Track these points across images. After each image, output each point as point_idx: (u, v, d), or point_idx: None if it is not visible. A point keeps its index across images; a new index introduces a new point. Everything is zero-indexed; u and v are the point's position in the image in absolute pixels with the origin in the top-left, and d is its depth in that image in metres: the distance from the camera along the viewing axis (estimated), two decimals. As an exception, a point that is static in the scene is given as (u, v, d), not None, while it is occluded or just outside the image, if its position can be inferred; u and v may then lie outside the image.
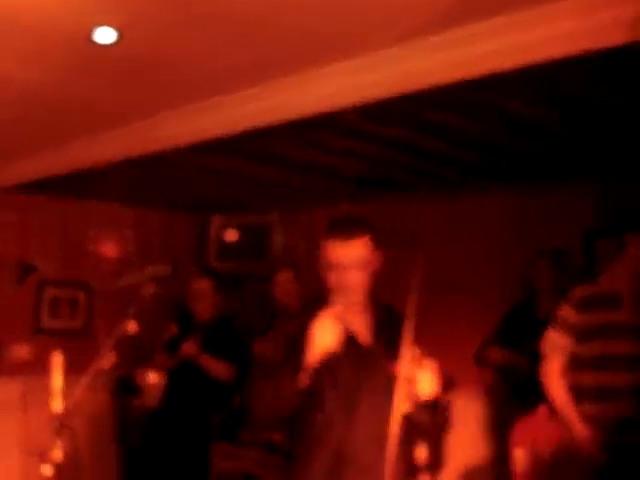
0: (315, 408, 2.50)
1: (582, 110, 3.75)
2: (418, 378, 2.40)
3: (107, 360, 2.59)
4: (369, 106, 3.48)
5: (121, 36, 2.97)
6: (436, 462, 5.44)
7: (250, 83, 3.62)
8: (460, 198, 5.73)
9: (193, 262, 6.91)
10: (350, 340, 2.50)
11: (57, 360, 2.77)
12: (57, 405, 2.63)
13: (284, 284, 5.48)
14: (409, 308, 2.40)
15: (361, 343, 2.60)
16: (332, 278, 2.54)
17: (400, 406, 2.39)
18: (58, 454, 2.50)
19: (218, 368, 4.97)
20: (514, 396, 5.12)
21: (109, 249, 6.66)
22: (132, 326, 2.61)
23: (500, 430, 5.43)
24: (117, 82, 3.62)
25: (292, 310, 5.22)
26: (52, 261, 4.29)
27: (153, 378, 4.97)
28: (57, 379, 2.74)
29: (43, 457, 2.40)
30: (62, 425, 2.46)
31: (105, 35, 2.93)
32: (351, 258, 2.52)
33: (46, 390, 5.88)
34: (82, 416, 2.51)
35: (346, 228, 2.57)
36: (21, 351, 4.53)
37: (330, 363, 2.39)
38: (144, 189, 6.09)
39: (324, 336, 2.36)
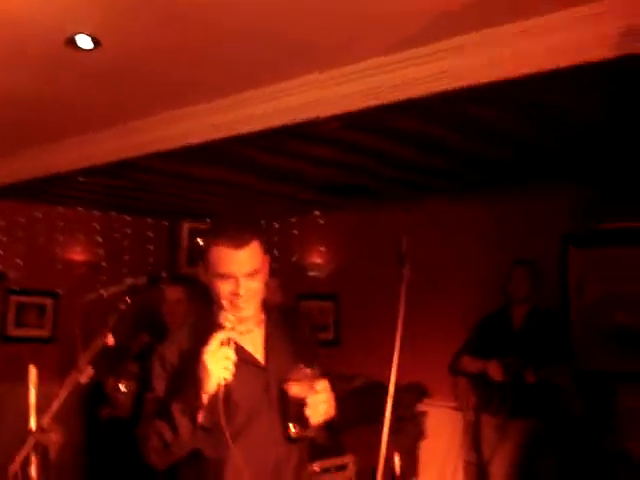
0: (211, 444, 2.30)
1: (558, 120, 3.77)
2: (308, 401, 2.25)
3: (85, 374, 2.50)
4: (346, 117, 3.45)
5: (98, 43, 2.91)
6: (411, 471, 5.44)
7: (228, 91, 3.58)
8: (435, 206, 5.73)
9: (163, 268, 6.84)
10: (243, 361, 2.26)
11: (32, 374, 2.70)
12: (32, 421, 2.55)
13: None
14: (398, 322, 2.35)
15: (255, 362, 2.38)
16: (221, 289, 2.30)
17: (290, 428, 2.31)
18: (33, 471, 2.42)
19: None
20: (486, 405, 5.14)
21: (77, 255, 6.56)
22: (110, 339, 2.53)
23: (472, 438, 5.46)
24: (91, 88, 3.56)
25: None
26: (18, 268, 4.20)
27: (124, 387, 4.90)
28: (32, 394, 2.66)
29: (17, 474, 2.32)
30: (38, 442, 2.37)
31: (83, 41, 2.86)
32: (242, 267, 2.26)
33: (15, 400, 5.77)
34: (57, 431, 2.42)
35: (235, 233, 2.27)
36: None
37: (225, 393, 2.16)
38: (113, 195, 6.00)
39: (219, 366, 2.14)
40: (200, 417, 2.20)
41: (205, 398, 2.17)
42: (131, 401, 4.89)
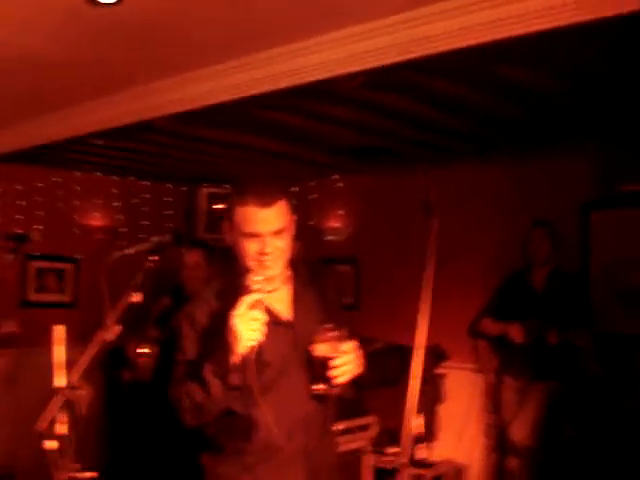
0: (242, 402, 2.30)
1: (579, 77, 3.70)
2: (334, 362, 2.24)
3: (112, 331, 2.50)
4: (370, 73, 3.40)
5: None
6: (430, 434, 5.46)
7: (250, 50, 3.54)
8: (455, 168, 5.69)
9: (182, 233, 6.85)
10: (271, 319, 2.24)
11: (59, 333, 2.70)
12: (60, 379, 2.56)
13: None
14: (426, 276, 2.31)
15: (282, 321, 2.39)
16: (248, 249, 2.30)
17: (315, 387, 2.32)
18: (63, 428, 2.43)
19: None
20: (507, 367, 5.14)
21: (96, 220, 6.57)
22: (137, 297, 2.52)
23: (492, 400, 5.47)
24: (111, 47, 3.52)
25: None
26: (38, 233, 4.19)
27: (145, 351, 4.92)
28: (59, 352, 2.67)
29: (47, 431, 2.33)
30: (68, 399, 2.38)
31: (104, -3, 2.83)
32: (270, 225, 2.27)
33: (35, 363, 5.80)
34: (85, 388, 2.43)
35: (261, 192, 2.28)
36: (9, 326, 4.43)
37: (256, 353, 2.17)
38: (131, 160, 5.97)
39: (248, 329, 2.14)
40: (231, 378, 2.20)
41: (236, 360, 2.18)
42: (153, 365, 4.92)
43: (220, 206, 6.67)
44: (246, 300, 2.17)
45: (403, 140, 5.03)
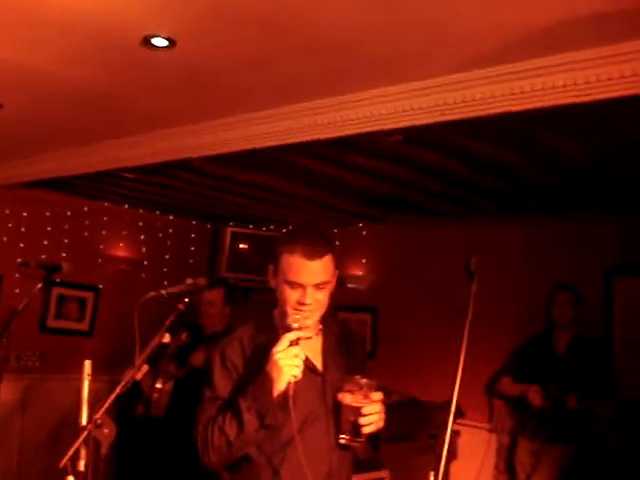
0: (269, 444, 2.34)
1: (612, 147, 3.71)
2: (364, 410, 2.28)
3: (141, 371, 2.53)
4: (409, 131, 3.44)
5: (172, 44, 2.93)
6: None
7: (292, 100, 3.58)
8: (478, 226, 5.70)
9: (204, 271, 6.87)
10: (305, 366, 2.28)
11: (87, 369, 2.72)
12: (84, 415, 2.58)
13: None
14: (462, 337, 2.34)
15: (313, 369, 2.42)
16: (288, 297, 2.34)
17: (342, 436, 2.33)
18: (82, 464, 2.45)
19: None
20: (523, 429, 5.09)
21: (120, 251, 6.61)
22: (167, 337, 2.55)
23: (505, 461, 5.41)
24: (159, 89, 3.58)
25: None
26: (69, 265, 4.23)
27: (160, 386, 4.90)
28: (85, 389, 2.69)
29: (68, 467, 2.34)
30: (89, 436, 2.39)
31: (158, 41, 2.89)
32: (313, 278, 2.31)
33: (44, 389, 5.77)
34: (109, 426, 2.45)
35: (311, 244, 2.33)
36: (32, 359, 4.46)
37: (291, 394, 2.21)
38: (160, 195, 6.02)
39: (290, 364, 2.19)
40: (271, 415, 2.23)
41: (276, 396, 2.21)
42: (167, 400, 4.90)
43: (244, 246, 6.70)
44: (288, 336, 2.22)
45: (431, 194, 5.05)
